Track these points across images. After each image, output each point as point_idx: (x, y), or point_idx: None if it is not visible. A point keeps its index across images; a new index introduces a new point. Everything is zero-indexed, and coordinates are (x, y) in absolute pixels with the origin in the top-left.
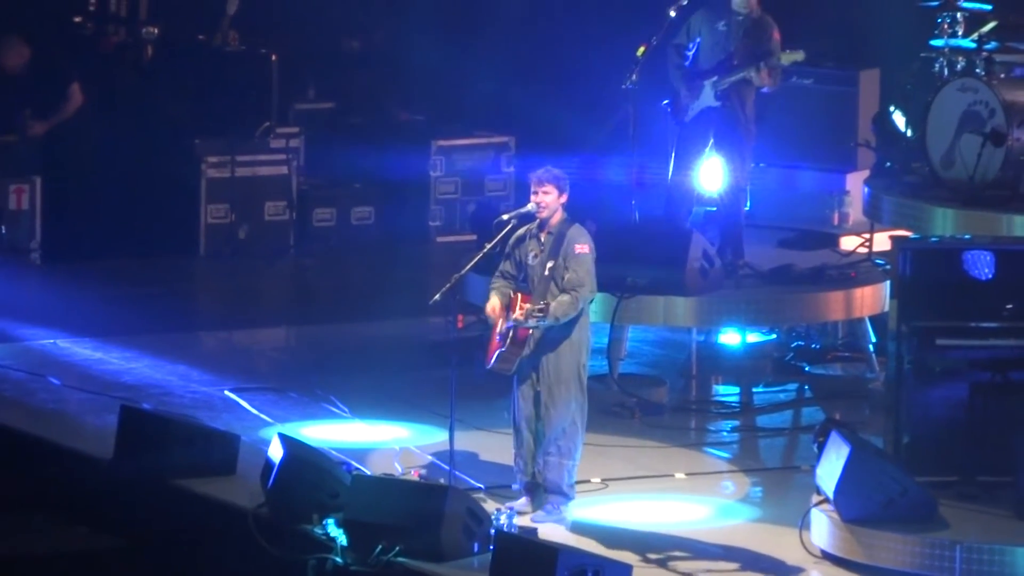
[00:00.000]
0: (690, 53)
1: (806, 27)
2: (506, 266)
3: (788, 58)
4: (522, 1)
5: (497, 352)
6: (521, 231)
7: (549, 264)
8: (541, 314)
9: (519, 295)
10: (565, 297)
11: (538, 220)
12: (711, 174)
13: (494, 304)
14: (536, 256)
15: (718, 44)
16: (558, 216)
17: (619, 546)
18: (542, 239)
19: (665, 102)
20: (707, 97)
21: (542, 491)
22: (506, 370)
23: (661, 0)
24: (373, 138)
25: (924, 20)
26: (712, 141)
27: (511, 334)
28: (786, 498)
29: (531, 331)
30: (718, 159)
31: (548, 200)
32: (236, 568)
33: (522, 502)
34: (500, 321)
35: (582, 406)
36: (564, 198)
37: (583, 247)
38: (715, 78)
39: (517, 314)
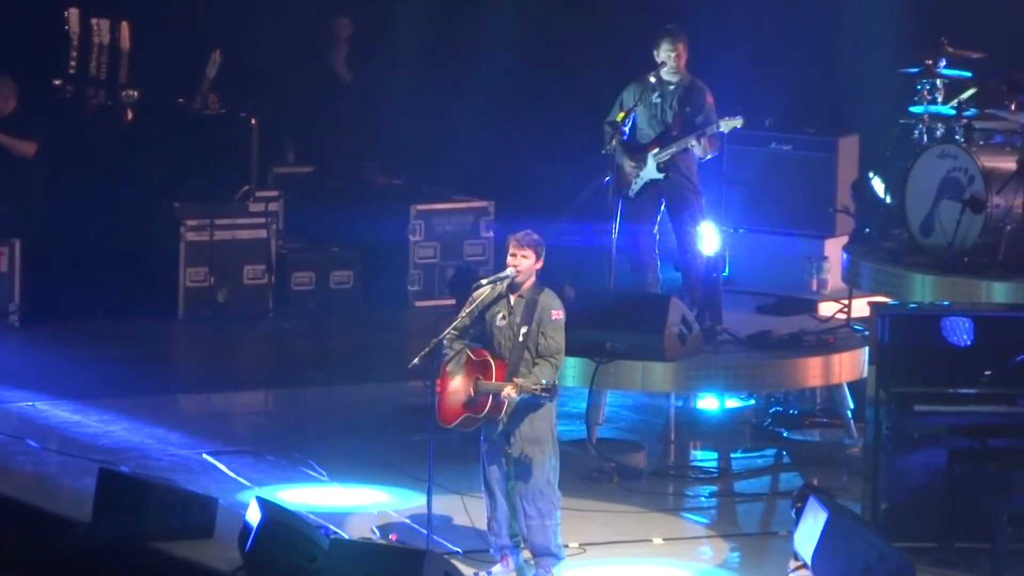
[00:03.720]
0: (626, 128)
1: (785, 93)
2: (465, 322)
3: (728, 125)
4: (502, 66)
5: (465, 416)
6: (491, 291)
7: (523, 330)
8: (548, 394)
9: (494, 361)
10: (547, 367)
11: (509, 281)
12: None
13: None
14: (504, 318)
15: (655, 117)
16: (530, 281)
17: None
18: (511, 301)
19: (607, 178)
20: (650, 170)
21: (521, 553)
22: (467, 428)
23: (640, 66)
24: (352, 202)
25: (904, 87)
26: (664, 211)
27: (492, 401)
28: (764, 563)
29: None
30: (675, 231)
31: (525, 265)
32: None
33: (499, 568)
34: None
35: (555, 466)
36: (540, 264)
37: (559, 313)
38: (656, 150)
39: (509, 389)
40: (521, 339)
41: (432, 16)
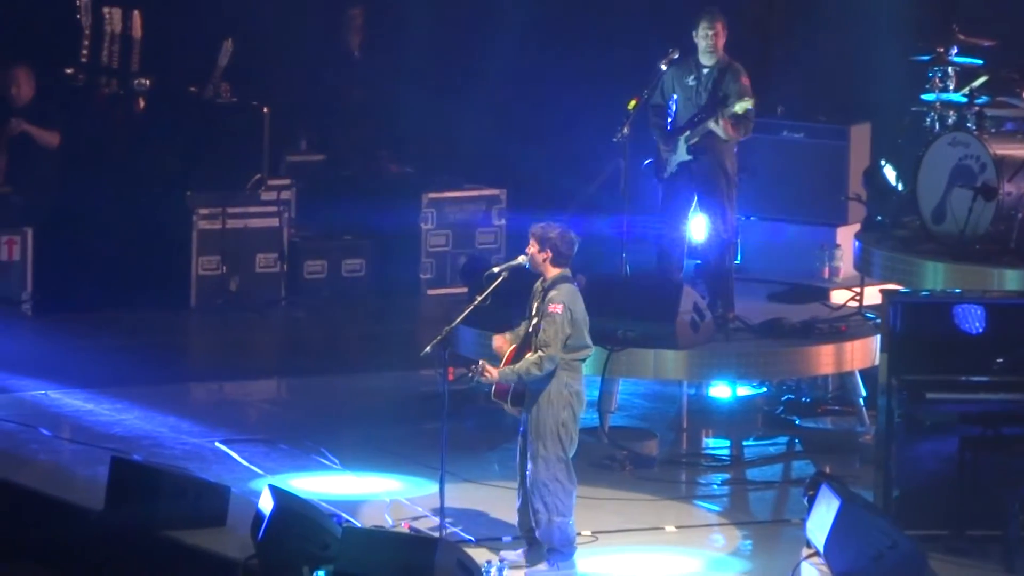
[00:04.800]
0: (671, 110)
1: (797, 81)
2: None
3: (740, 106)
4: (513, 54)
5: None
6: (539, 282)
7: (535, 320)
8: (473, 375)
9: (513, 346)
10: (532, 356)
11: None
12: (698, 227)
13: (499, 343)
14: (536, 308)
15: (690, 99)
16: (552, 271)
17: None
18: (539, 292)
19: (648, 161)
20: (680, 152)
21: (539, 545)
22: (513, 412)
23: (652, 53)
24: (364, 190)
25: (915, 74)
26: (696, 196)
27: (495, 386)
28: (776, 551)
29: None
30: (702, 214)
31: (532, 253)
32: None
33: (518, 553)
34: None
35: (566, 463)
36: (547, 255)
37: (556, 307)
38: (687, 133)
39: (491, 371)
40: (530, 329)
41: (443, 4)
